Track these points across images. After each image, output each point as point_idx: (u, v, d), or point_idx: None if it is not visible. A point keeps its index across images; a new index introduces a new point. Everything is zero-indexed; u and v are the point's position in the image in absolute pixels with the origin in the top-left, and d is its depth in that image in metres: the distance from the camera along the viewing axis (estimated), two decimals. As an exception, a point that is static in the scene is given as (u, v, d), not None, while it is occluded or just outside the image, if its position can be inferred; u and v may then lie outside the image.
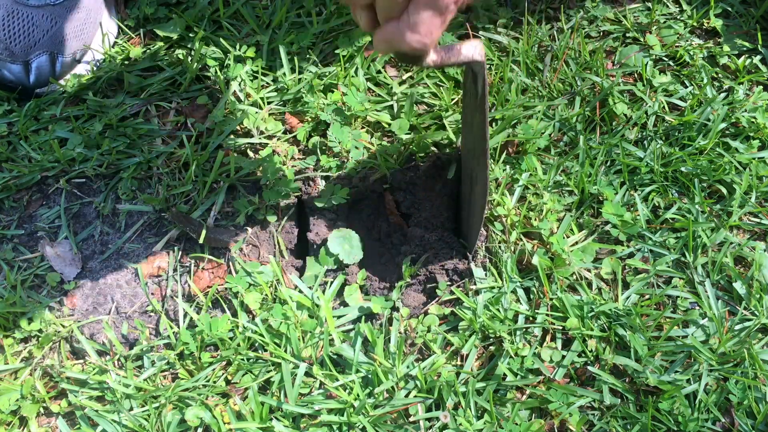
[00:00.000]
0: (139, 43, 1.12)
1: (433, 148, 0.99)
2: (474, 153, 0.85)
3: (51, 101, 1.07)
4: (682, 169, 0.96)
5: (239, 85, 1.05)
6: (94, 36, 1.11)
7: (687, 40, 1.10)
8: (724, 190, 0.95)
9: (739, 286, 0.88)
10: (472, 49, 0.71)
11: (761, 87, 1.04)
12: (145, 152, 1.01)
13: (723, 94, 1.04)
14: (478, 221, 0.86)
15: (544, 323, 0.85)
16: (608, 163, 0.99)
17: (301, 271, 0.93)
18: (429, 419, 0.80)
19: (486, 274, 0.90)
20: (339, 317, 0.89)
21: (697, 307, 0.87)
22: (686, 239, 0.90)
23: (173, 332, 0.88)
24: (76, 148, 1.01)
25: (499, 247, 0.91)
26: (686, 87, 1.06)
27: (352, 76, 1.04)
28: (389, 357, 0.84)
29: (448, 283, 0.90)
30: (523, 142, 0.99)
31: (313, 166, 0.98)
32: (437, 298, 0.89)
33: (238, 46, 1.08)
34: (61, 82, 1.08)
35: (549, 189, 0.96)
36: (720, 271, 0.89)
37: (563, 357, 0.84)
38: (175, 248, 0.95)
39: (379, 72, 1.06)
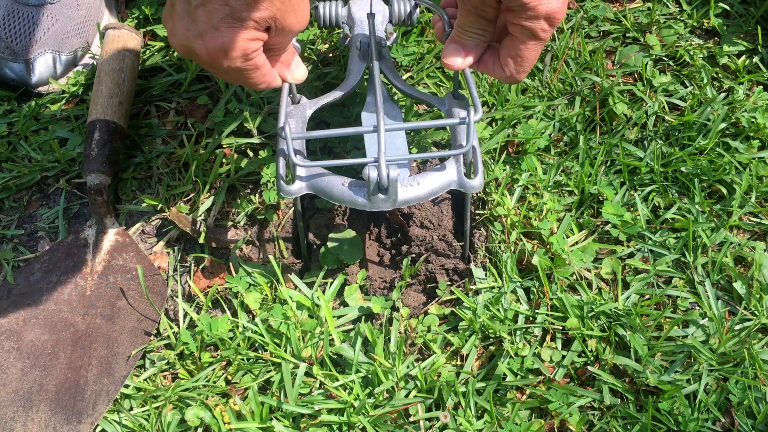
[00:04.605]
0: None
1: (433, 148, 0.99)
2: None
3: (51, 101, 1.07)
4: (682, 169, 0.96)
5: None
6: (95, 35, 1.11)
7: (687, 40, 1.10)
8: (724, 190, 0.95)
9: (739, 286, 0.88)
10: None
11: (761, 87, 1.04)
12: (145, 152, 1.01)
13: (723, 94, 1.04)
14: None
15: (544, 323, 0.85)
16: (608, 163, 0.99)
17: (301, 271, 0.93)
18: (429, 419, 0.80)
19: (486, 274, 0.90)
20: (339, 317, 0.89)
21: (697, 307, 0.87)
22: (686, 239, 0.90)
23: (173, 332, 0.88)
24: (76, 148, 1.01)
25: (499, 247, 0.91)
26: (686, 87, 1.06)
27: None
28: (389, 357, 0.84)
29: (448, 283, 0.90)
30: (523, 142, 0.99)
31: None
32: (437, 298, 0.89)
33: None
34: (62, 81, 1.08)
35: (549, 189, 0.96)
36: (720, 271, 0.89)
37: (563, 357, 0.84)
38: (175, 248, 0.95)
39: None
